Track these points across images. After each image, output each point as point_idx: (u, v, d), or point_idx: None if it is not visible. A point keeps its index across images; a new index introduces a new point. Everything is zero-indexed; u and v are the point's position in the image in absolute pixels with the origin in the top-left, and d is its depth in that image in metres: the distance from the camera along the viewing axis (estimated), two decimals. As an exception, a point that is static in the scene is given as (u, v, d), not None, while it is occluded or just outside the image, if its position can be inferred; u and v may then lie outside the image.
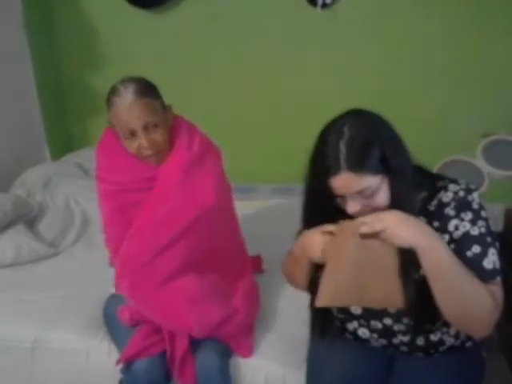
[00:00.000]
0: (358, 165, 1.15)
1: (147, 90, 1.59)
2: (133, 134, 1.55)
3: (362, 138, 1.16)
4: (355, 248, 1.17)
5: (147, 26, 3.34)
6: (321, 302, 1.23)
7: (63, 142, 3.51)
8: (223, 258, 1.75)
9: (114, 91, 1.58)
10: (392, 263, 1.16)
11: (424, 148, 1.30)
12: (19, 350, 1.79)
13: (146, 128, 1.55)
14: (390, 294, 1.17)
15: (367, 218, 1.16)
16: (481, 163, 2.39)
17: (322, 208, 1.28)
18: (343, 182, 1.17)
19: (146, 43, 3.38)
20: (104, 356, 1.71)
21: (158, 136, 1.58)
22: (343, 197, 1.21)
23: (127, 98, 1.54)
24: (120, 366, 1.61)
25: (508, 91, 2.96)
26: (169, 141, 1.64)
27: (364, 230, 1.15)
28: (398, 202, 1.20)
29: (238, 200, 2.91)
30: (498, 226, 2.38)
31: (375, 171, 1.16)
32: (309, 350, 1.55)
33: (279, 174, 3.33)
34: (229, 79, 3.36)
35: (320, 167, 1.20)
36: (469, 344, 1.40)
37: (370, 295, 1.19)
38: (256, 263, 2.09)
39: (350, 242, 1.17)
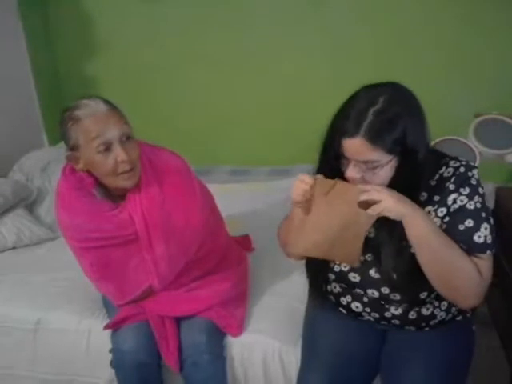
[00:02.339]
0: (377, 137, 1.17)
1: (114, 104, 1.51)
2: (107, 148, 1.45)
3: (392, 114, 1.18)
4: (349, 212, 1.22)
5: (143, 12, 3.33)
6: (298, 250, 1.32)
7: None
8: (210, 257, 1.77)
9: (77, 107, 1.46)
10: (364, 231, 1.24)
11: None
12: (22, 331, 1.82)
13: (121, 140, 1.46)
14: (353, 255, 1.27)
15: (367, 187, 1.20)
16: (473, 142, 2.41)
17: (331, 166, 1.30)
18: (355, 146, 1.19)
19: (143, 29, 3.37)
20: (105, 337, 1.71)
21: (132, 149, 1.49)
22: (348, 160, 1.24)
23: (99, 108, 1.45)
24: (110, 345, 1.66)
25: (500, 71, 2.96)
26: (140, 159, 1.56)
27: (364, 197, 1.19)
28: (401, 181, 1.23)
29: (235, 182, 2.97)
30: (488, 204, 2.41)
31: (389, 150, 1.19)
32: (304, 326, 1.59)
33: (276, 156, 3.36)
34: (225, 64, 3.37)
35: (340, 125, 1.22)
36: (459, 318, 1.45)
37: (336, 251, 1.28)
38: (245, 243, 2.12)
39: (346, 206, 1.21)
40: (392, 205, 1.18)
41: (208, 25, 3.29)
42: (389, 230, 1.27)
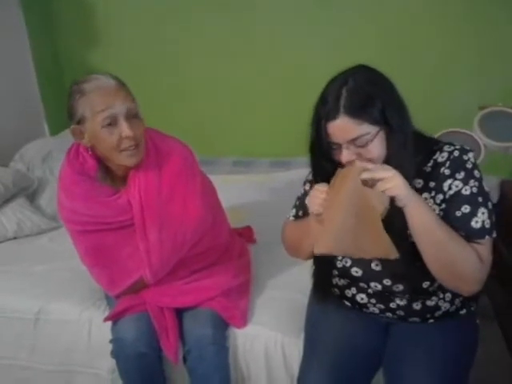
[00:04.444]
0: (357, 111, 1.17)
1: (123, 81, 1.51)
2: (113, 122, 1.44)
3: (366, 90, 1.19)
4: (355, 190, 1.17)
5: (145, 3, 3.32)
6: (320, 249, 1.22)
7: (61, 118, 3.51)
8: (212, 252, 1.77)
9: (86, 81, 1.46)
10: (380, 212, 1.18)
11: (422, 120, 1.30)
12: (23, 321, 1.81)
13: (127, 117, 1.45)
14: (382, 244, 1.19)
15: (369, 165, 1.18)
16: (477, 135, 2.39)
17: (324, 163, 1.29)
18: (340, 127, 1.19)
19: (144, 20, 3.36)
20: (106, 328, 1.71)
21: (137, 127, 1.48)
22: (338, 146, 1.23)
23: (108, 82, 1.45)
24: (110, 335, 1.65)
25: (505, 63, 2.95)
26: (145, 140, 1.55)
27: (366, 175, 1.17)
28: (393, 159, 1.22)
29: (237, 173, 2.96)
30: (493, 197, 2.40)
31: (373, 121, 1.18)
32: (306, 321, 1.58)
33: (278, 148, 3.35)
34: (227, 56, 3.36)
35: (320, 111, 1.22)
36: (463, 311, 1.44)
37: (364, 244, 1.20)
38: (247, 234, 2.11)
39: (351, 183, 1.17)
40: (402, 183, 1.16)
41: (210, 15, 3.27)
42: (388, 221, 1.23)
